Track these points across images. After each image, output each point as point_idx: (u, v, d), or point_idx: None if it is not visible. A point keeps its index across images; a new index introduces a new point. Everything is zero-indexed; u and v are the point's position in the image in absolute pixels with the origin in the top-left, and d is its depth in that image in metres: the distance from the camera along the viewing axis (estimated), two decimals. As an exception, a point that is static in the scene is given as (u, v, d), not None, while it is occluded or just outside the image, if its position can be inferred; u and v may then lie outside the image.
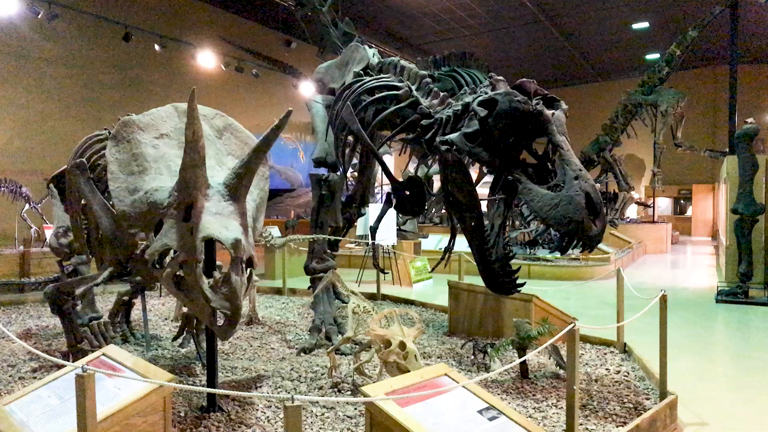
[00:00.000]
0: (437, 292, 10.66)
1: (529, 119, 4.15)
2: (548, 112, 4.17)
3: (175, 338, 5.55)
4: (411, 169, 14.91)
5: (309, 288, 8.77)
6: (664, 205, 30.26)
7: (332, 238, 6.19)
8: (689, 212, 29.96)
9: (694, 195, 28.22)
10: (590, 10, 20.75)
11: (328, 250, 6.48)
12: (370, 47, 6.87)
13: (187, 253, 3.51)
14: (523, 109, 4.11)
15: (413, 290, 10.96)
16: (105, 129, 5.33)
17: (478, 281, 6.96)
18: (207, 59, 15.03)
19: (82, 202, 5.63)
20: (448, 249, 5.76)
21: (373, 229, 6.16)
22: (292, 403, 1.87)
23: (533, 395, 4.57)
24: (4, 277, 9.75)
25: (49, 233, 11.37)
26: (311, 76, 19.18)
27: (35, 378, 4.83)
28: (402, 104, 5.32)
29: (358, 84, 5.86)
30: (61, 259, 5.35)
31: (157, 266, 3.83)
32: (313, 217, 6.41)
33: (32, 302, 8.38)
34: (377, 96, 5.54)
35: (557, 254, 13.34)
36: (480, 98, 4.38)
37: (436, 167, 10.12)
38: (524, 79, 4.34)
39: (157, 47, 14.49)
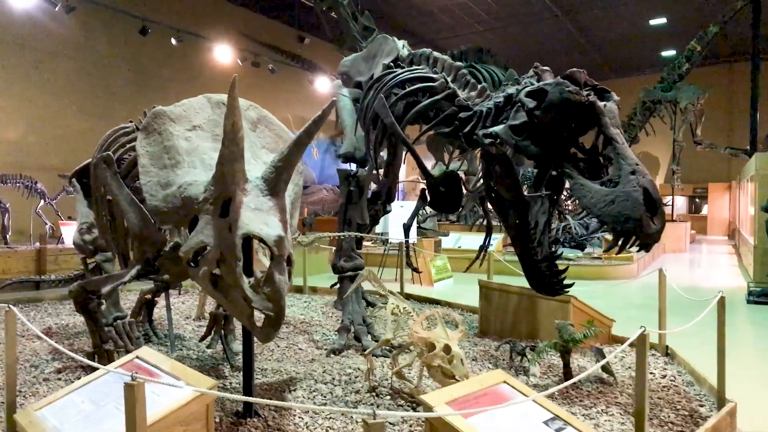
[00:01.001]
0: (458, 291, 10.46)
1: (581, 111, 3.93)
2: (600, 104, 3.95)
3: (202, 338, 5.37)
4: (428, 166, 14.73)
5: (332, 286, 8.62)
6: (678, 203, 29.91)
7: (362, 235, 6.00)
8: (704, 211, 29.59)
9: (710, 193, 27.85)
10: (608, 5, 20.45)
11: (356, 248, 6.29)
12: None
13: (226, 251, 3.32)
14: (575, 99, 3.90)
15: (434, 289, 10.76)
16: (130, 122, 5.14)
17: (507, 280, 6.78)
18: (224, 54, 14.85)
19: (107, 197, 5.48)
20: (484, 247, 5.55)
21: (407, 227, 5.95)
22: (374, 419, 1.67)
23: (580, 401, 4.36)
24: (20, 274, 9.61)
25: (64, 229, 11.27)
26: (327, 71, 19.04)
27: (60, 379, 4.66)
28: (438, 96, 5.10)
29: (390, 76, 5.64)
30: (86, 256, 5.17)
31: (192, 265, 3.65)
32: (341, 214, 6.22)
33: (50, 300, 8.23)
34: (410, 89, 5.31)
35: (579, 253, 13.11)
36: (528, 89, 4.16)
37: (456, 165, 9.89)
38: (574, 69, 4.12)
39: (173, 41, 14.33)
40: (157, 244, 4.42)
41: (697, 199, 30.37)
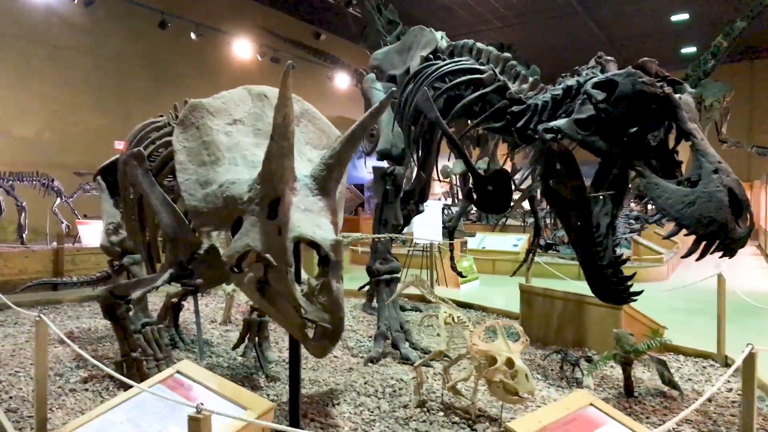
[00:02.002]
0: (485, 293, 10.13)
1: (655, 103, 3.60)
2: (676, 96, 3.62)
3: (235, 346, 5.07)
4: (449, 164, 14.36)
5: (360, 289, 8.32)
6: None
7: (402, 237, 5.69)
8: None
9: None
10: (630, 0, 20.01)
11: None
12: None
13: (276, 256, 3.02)
14: (650, 91, 3.57)
15: (460, 291, 10.43)
16: (161, 116, 4.86)
17: (544, 283, 6.43)
18: (243, 49, 14.57)
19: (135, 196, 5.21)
20: (531, 251, 5.22)
21: (452, 228, 5.62)
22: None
23: (646, 417, 4.03)
24: (38, 274, 9.37)
25: (81, 228, 11.03)
26: (350, 65, 18.70)
27: (87, 390, 4.39)
28: (486, 89, 4.78)
29: (431, 69, 5.33)
30: (113, 258, 4.90)
31: (236, 270, 3.36)
32: (376, 214, 5.91)
33: (69, 302, 7.97)
34: (455, 81, 5.00)
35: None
36: (595, 80, 3.83)
37: (478, 163, 9.50)
38: (645, 59, 3.79)
39: (193, 36, 14.08)
40: (192, 247, 4.14)
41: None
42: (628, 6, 20.68)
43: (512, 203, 4.84)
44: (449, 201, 15.74)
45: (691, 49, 25.19)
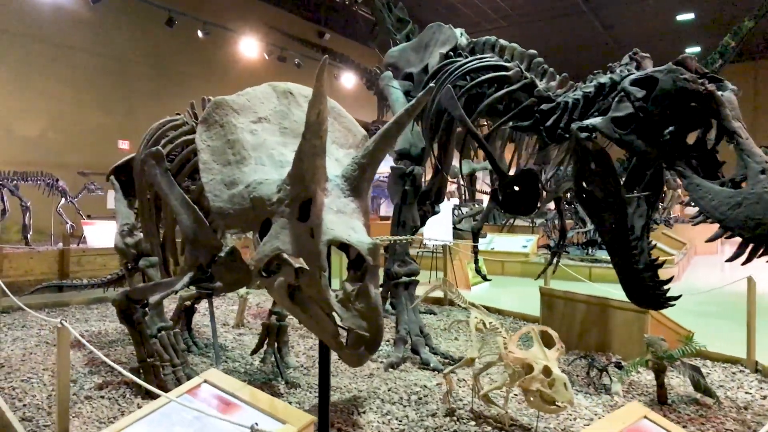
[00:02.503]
0: (495, 294, 10.00)
1: (697, 101, 3.46)
2: (719, 93, 3.48)
3: (254, 351, 4.93)
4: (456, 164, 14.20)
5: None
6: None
7: (423, 239, 5.55)
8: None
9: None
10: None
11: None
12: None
13: (308, 260, 2.89)
14: (692, 88, 3.43)
15: (471, 293, 10.29)
16: (177, 114, 4.71)
17: (563, 286, 6.28)
18: (250, 48, 14.43)
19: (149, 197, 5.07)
20: (557, 253, 5.08)
21: (477, 230, 5.49)
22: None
23: (683, 426, 3.89)
24: (43, 275, 9.22)
25: (87, 229, 10.88)
26: (359, 64, 18.55)
27: (103, 397, 4.24)
28: (513, 87, 4.64)
29: (453, 66, 5.19)
30: (127, 261, 4.75)
31: (264, 274, 3.22)
32: (394, 215, 5.77)
33: (76, 304, 7.83)
34: (480, 79, 4.86)
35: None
36: (633, 76, 3.70)
37: (483, 163, 9.36)
38: (685, 55, 3.66)
39: (200, 33, 13.92)
40: (212, 249, 4.00)
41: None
42: (634, 5, 20.58)
43: (539, 204, 4.70)
44: (456, 201, 15.60)
45: (695, 49, 25.07)
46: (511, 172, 4.98)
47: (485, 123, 6.07)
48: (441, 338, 6.25)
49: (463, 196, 13.77)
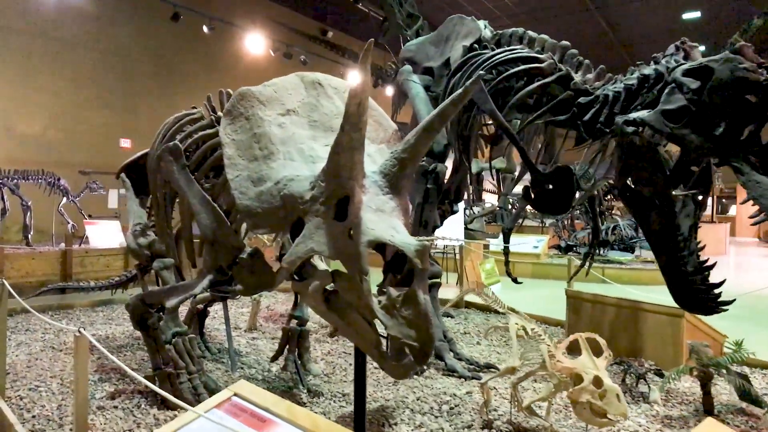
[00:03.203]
0: (510, 297, 9.75)
1: (757, 92, 3.24)
2: (779, 84, 3.26)
3: (274, 358, 4.68)
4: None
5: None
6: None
7: (440, 239, 5.31)
8: (732, 212, 28.80)
9: (739, 194, 27.05)
10: (642, -4, 19.72)
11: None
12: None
13: (348, 263, 2.66)
14: (752, 78, 3.21)
15: (484, 295, 10.05)
16: (193, 107, 4.47)
17: (589, 288, 6.05)
18: (256, 44, 14.17)
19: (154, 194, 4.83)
20: (589, 254, 4.86)
21: (508, 230, 5.26)
22: None
23: (735, 439, 3.67)
24: (45, 276, 8.96)
25: (89, 229, 10.62)
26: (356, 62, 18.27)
27: (116, 407, 3.99)
28: (547, 79, 4.41)
29: (482, 58, 4.96)
30: (140, 263, 4.51)
31: (296, 278, 2.99)
32: (416, 214, 5.53)
33: (81, 307, 7.57)
34: (511, 71, 4.63)
35: (629, 256, 12.40)
36: (686, 66, 3.47)
37: (498, 162, 9.17)
38: (742, 43, 3.43)
39: (205, 29, 13.66)
40: (233, 250, 3.76)
41: (723, 200, 29.57)
42: (639, 3, 20.37)
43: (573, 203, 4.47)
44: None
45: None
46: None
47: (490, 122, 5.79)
48: (462, 342, 6.02)
49: (471, 196, 13.52)
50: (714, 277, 3.73)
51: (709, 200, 23.09)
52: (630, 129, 3.60)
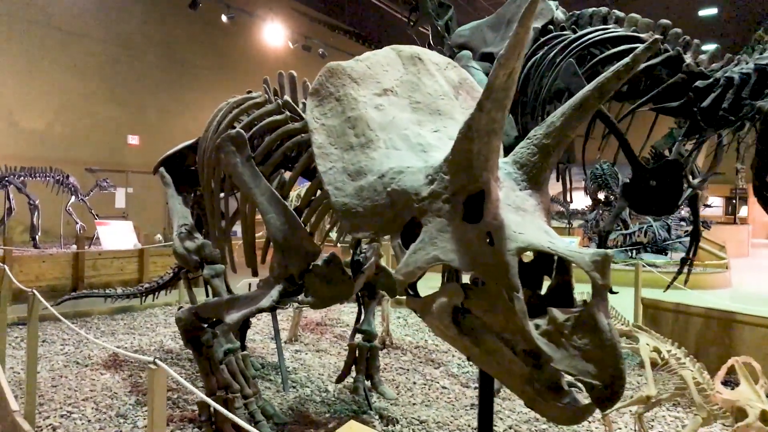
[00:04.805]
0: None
1: None
2: None
3: (339, 379, 4.10)
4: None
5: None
6: (713, 204, 28.67)
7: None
8: (743, 213, 28.38)
9: (751, 195, 26.66)
10: (659, -8, 19.26)
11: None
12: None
13: (490, 275, 2.11)
14: None
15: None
16: (248, 91, 3.90)
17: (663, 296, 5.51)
18: (274, 35, 13.59)
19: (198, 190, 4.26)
20: (688, 260, 4.33)
21: (606, 233, 4.71)
22: None
23: None
24: (56, 280, 8.37)
25: (101, 229, 10.00)
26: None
27: (167, 440, 3.43)
28: (653, 61, 3.88)
29: (567, 40, 4.43)
30: (187, 270, 3.94)
31: (411, 292, 2.44)
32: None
33: (99, 314, 6.99)
34: (607, 53, 4.09)
35: (663, 258, 11.91)
36: None
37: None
38: None
39: (224, 18, 13.05)
40: (307, 257, 3.21)
41: (734, 200, 29.16)
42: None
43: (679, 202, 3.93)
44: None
45: (710, 46, 24.50)
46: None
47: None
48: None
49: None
50: None
51: (720, 201, 22.59)
52: (779, 115, 3.06)
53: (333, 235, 3.76)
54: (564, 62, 4.19)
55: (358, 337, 4.12)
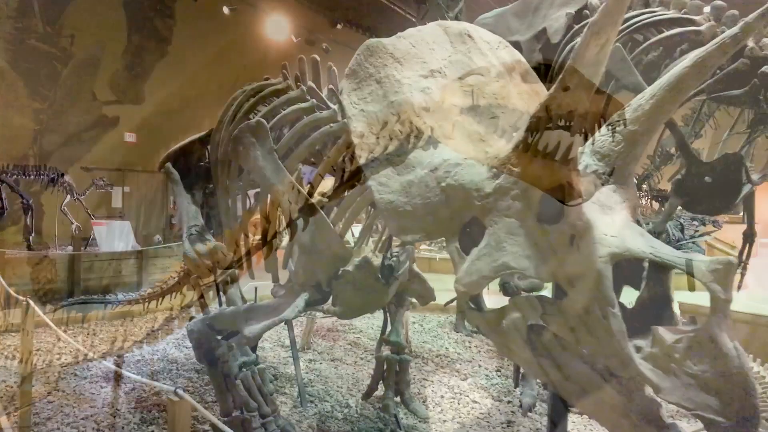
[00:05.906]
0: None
1: None
2: None
3: (366, 395, 3.74)
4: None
5: (446, 304, 7.04)
6: (716, 203, 28.46)
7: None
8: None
9: (758, 193, 26.43)
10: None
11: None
12: None
13: (578, 288, 1.81)
14: None
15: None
16: (266, 78, 3.53)
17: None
18: (278, 28, 13.20)
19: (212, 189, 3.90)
20: (744, 262, 4.00)
21: (657, 236, 4.37)
22: None
23: None
24: (51, 283, 7.98)
25: (98, 230, 9.62)
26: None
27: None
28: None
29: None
30: (198, 274, 3.57)
31: (473, 306, 2.11)
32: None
33: (95, 320, 6.60)
34: (658, 37, 3.75)
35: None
36: None
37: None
38: None
39: (225, 10, 12.65)
40: (337, 262, 2.85)
41: (736, 199, 28.98)
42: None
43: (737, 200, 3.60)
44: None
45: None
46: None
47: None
48: None
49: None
50: None
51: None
52: None
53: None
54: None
55: (385, 349, 3.77)
